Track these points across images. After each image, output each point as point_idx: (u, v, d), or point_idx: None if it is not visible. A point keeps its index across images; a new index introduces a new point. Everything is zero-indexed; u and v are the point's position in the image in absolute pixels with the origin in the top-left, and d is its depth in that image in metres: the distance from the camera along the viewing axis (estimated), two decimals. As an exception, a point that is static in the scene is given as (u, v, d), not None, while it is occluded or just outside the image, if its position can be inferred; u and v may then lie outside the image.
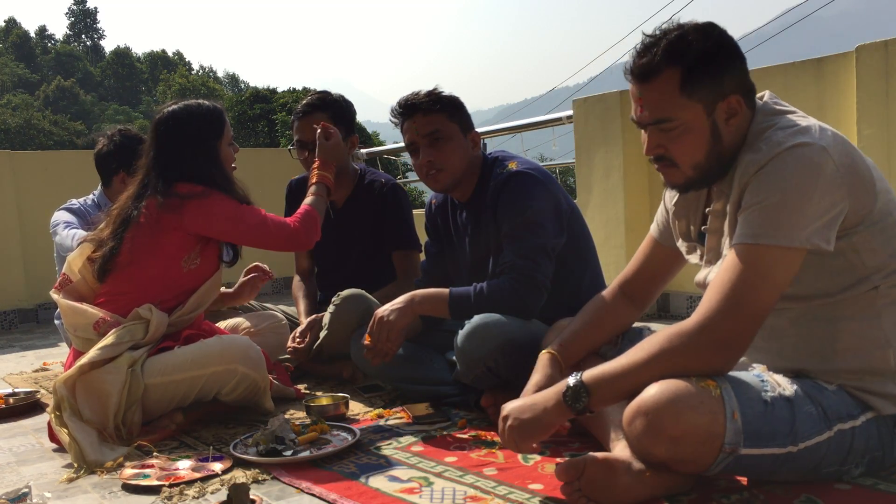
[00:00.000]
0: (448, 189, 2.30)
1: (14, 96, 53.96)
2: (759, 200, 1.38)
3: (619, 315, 1.81)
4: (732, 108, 1.45)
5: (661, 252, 1.79)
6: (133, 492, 1.76)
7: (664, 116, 1.46)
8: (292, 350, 2.70)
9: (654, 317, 3.87)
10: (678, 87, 1.43)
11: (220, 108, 2.39)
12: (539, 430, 1.53)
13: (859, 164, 1.42)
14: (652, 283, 1.83)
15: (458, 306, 2.11)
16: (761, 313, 1.37)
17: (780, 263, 1.36)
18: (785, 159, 1.38)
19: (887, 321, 1.45)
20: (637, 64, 1.47)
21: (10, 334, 4.81)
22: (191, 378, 2.16)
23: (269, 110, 25.68)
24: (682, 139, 1.46)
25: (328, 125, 2.61)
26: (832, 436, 1.42)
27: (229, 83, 73.58)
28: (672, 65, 1.42)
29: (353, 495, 1.62)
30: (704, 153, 1.47)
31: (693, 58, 1.42)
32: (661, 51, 1.43)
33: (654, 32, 1.47)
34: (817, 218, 1.36)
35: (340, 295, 2.58)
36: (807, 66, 3.29)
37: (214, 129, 2.33)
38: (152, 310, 2.22)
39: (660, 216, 1.78)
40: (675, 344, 1.39)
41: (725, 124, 1.46)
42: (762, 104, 1.51)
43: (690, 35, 1.43)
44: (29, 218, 5.08)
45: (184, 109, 2.32)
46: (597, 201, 3.93)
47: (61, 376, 2.11)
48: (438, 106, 2.22)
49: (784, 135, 1.41)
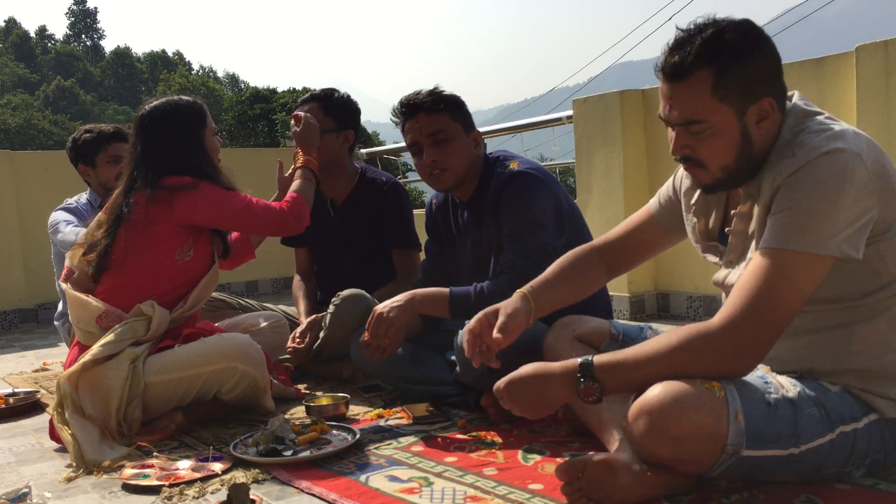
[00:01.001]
0: (450, 189, 2.30)
1: (14, 96, 53.94)
2: (790, 205, 1.36)
3: (591, 276, 1.80)
4: (765, 110, 1.41)
5: (652, 228, 1.77)
6: (133, 492, 1.76)
7: (694, 118, 1.41)
8: (292, 350, 2.70)
9: (653, 317, 3.86)
10: (710, 89, 1.38)
11: (201, 102, 2.45)
12: (542, 412, 1.53)
13: (889, 170, 1.40)
14: (633, 255, 1.81)
15: (458, 306, 2.11)
16: (785, 319, 1.35)
17: (807, 270, 1.34)
18: (818, 165, 1.35)
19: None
20: (669, 62, 1.41)
21: (10, 334, 4.81)
22: (191, 376, 2.17)
23: (269, 110, 25.70)
24: (710, 141, 1.42)
25: (299, 114, 2.68)
26: (834, 438, 1.41)
27: (229, 83, 73.56)
28: (705, 65, 1.37)
29: (353, 495, 1.62)
30: (734, 156, 1.43)
31: (727, 59, 1.36)
32: (695, 49, 1.38)
33: (689, 27, 1.41)
34: (848, 225, 1.34)
35: (340, 295, 2.58)
36: (807, 66, 3.29)
37: (198, 119, 2.38)
38: (154, 306, 2.23)
39: (663, 195, 1.75)
40: (696, 345, 1.37)
41: (756, 127, 1.42)
42: (792, 105, 1.47)
43: (727, 34, 1.37)
44: (29, 218, 5.07)
45: (166, 103, 2.37)
46: (597, 201, 3.93)
47: (65, 372, 2.12)
48: (441, 105, 2.22)
49: (819, 139, 1.37)
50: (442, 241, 2.48)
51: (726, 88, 1.38)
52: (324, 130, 2.76)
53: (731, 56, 1.37)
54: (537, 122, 4.99)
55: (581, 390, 1.43)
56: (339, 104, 2.85)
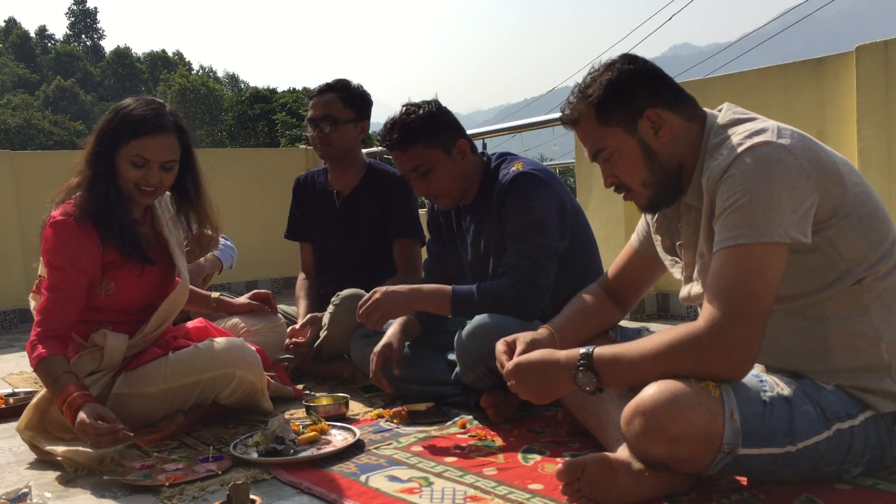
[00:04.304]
0: (454, 206, 2.32)
1: (14, 96, 53.94)
2: (730, 203, 1.40)
3: (604, 311, 1.85)
4: (654, 121, 1.53)
5: (640, 260, 1.83)
6: (133, 492, 1.76)
7: (597, 147, 1.60)
8: (294, 345, 2.71)
9: (653, 317, 3.87)
10: (595, 121, 1.57)
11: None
12: (545, 398, 1.58)
13: (822, 158, 1.44)
14: (633, 288, 1.88)
15: (460, 304, 2.11)
16: (762, 311, 1.36)
17: (767, 259, 1.37)
18: (745, 160, 1.40)
19: (876, 315, 1.45)
20: (564, 119, 1.65)
21: (11, 334, 4.81)
22: (188, 384, 2.16)
23: (269, 110, 25.68)
24: (621, 163, 1.58)
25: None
26: (831, 435, 1.42)
27: (229, 83, 73.51)
28: (584, 105, 1.58)
29: (353, 495, 1.62)
30: (646, 169, 1.56)
31: (598, 93, 1.55)
32: (574, 98, 1.60)
33: (573, 88, 1.65)
34: (791, 212, 1.37)
35: (339, 295, 2.58)
36: (807, 66, 3.29)
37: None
38: (106, 335, 2.13)
39: (640, 226, 1.83)
40: (687, 351, 1.38)
41: (656, 138, 1.54)
42: (716, 114, 1.57)
43: (595, 74, 1.58)
44: (29, 218, 5.07)
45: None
46: (597, 201, 3.94)
47: (21, 422, 2.06)
48: (413, 139, 2.18)
49: (741, 137, 1.45)
50: (444, 241, 2.48)
51: (606, 115, 1.55)
52: (343, 121, 2.83)
53: (600, 90, 1.55)
54: (537, 122, 4.98)
55: (580, 380, 1.47)
56: (357, 95, 2.89)
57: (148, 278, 2.20)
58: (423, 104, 2.22)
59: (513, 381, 1.61)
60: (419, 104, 2.23)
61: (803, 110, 3.27)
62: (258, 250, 5.57)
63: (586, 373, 1.46)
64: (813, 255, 1.44)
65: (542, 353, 1.59)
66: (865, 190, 1.48)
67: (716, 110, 1.58)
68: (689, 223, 1.60)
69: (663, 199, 1.61)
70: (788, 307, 1.50)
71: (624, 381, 1.49)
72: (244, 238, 4.69)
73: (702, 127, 1.56)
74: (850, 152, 2.99)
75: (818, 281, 1.46)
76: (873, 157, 2.99)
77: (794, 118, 2.78)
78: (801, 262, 1.44)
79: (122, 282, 2.16)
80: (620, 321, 1.91)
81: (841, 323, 1.47)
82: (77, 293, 2.06)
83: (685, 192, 1.59)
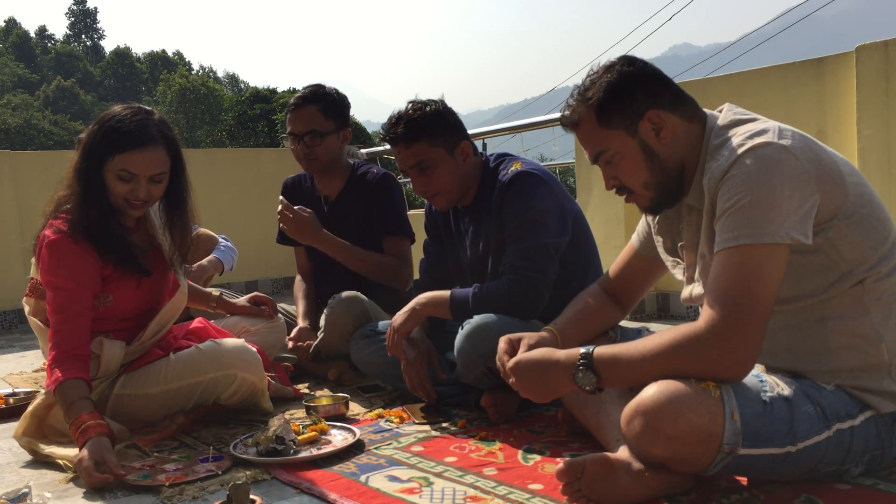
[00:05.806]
0: (451, 206, 2.31)
1: (14, 96, 53.94)
2: (731, 204, 1.40)
3: (605, 312, 1.85)
4: (655, 122, 1.53)
5: (641, 261, 1.83)
6: (133, 492, 1.76)
7: (598, 150, 1.59)
8: (295, 348, 2.73)
9: (653, 317, 3.87)
10: (596, 123, 1.56)
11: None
12: (545, 396, 1.58)
13: (823, 158, 1.44)
14: (633, 289, 1.88)
15: (459, 307, 2.12)
16: (763, 312, 1.36)
17: (768, 260, 1.37)
18: (746, 161, 1.40)
19: (876, 316, 1.45)
20: (564, 121, 1.65)
21: (10, 334, 4.82)
22: (190, 385, 2.16)
23: (269, 110, 25.66)
24: (622, 165, 1.57)
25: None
26: (831, 436, 1.42)
27: (229, 83, 73.48)
28: (585, 108, 1.58)
29: (353, 495, 1.62)
30: (647, 171, 1.56)
31: (599, 95, 1.55)
32: (574, 100, 1.60)
33: (572, 91, 1.65)
34: (792, 212, 1.37)
35: (336, 297, 2.58)
36: (807, 66, 3.29)
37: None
38: (102, 343, 2.12)
39: (641, 227, 1.83)
40: (687, 352, 1.38)
41: (657, 139, 1.54)
42: (716, 115, 1.57)
43: (595, 77, 1.58)
44: (29, 218, 5.07)
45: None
46: (597, 201, 3.93)
47: (18, 428, 2.06)
48: (419, 134, 2.18)
49: (742, 138, 1.45)
50: (442, 241, 2.48)
51: (607, 117, 1.55)
52: (326, 133, 2.77)
53: (600, 92, 1.55)
54: (537, 122, 4.99)
55: (580, 379, 1.47)
56: (336, 104, 2.83)
57: (145, 288, 2.19)
58: (430, 102, 2.23)
59: (513, 379, 1.61)
60: (426, 102, 2.23)
61: (803, 110, 3.27)
62: (258, 250, 5.56)
63: (586, 372, 1.46)
64: (814, 256, 1.44)
65: (543, 351, 1.59)
66: (866, 191, 1.48)
67: (716, 111, 1.58)
68: (691, 224, 1.60)
69: (665, 201, 1.61)
70: (789, 308, 1.50)
71: (624, 381, 1.49)
72: (244, 238, 4.69)
73: (702, 128, 1.56)
74: (850, 152, 2.99)
75: (819, 282, 1.46)
76: (873, 157, 2.99)
77: (794, 118, 2.79)
78: (801, 263, 1.44)
79: (120, 293, 2.15)
80: (621, 321, 1.91)
81: (842, 324, 1.47)
82: (84, 309, 2.04)
83: (686, 194, 1.59)
